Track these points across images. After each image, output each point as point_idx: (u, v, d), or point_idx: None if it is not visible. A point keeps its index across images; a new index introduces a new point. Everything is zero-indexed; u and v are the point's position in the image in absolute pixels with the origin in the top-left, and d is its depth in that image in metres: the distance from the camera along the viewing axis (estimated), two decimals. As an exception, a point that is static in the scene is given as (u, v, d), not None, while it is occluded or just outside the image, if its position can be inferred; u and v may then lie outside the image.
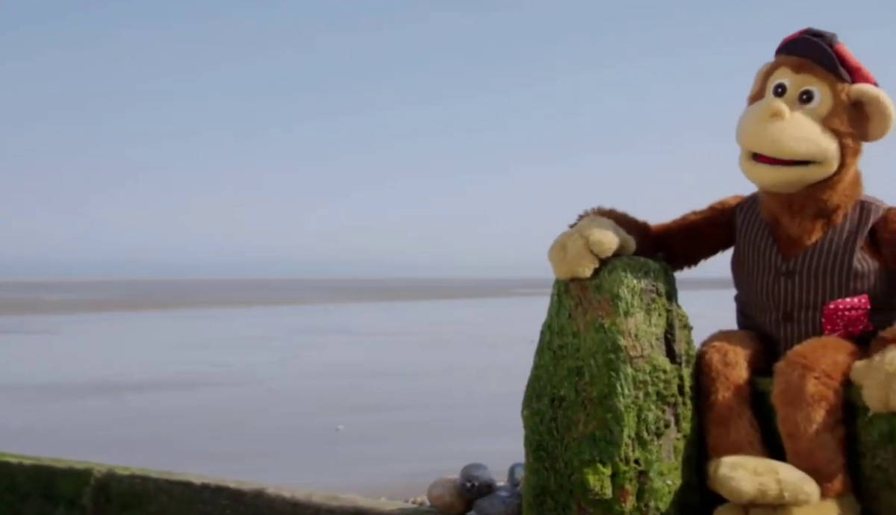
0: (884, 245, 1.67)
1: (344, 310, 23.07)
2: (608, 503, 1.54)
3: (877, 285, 1.67)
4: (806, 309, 1.70)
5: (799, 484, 1.44)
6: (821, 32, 1.69)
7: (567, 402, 1.63)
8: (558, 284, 1.70)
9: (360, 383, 8.34)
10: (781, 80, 1.70)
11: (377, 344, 12.82)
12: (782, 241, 1.73)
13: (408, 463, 4.74)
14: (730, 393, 1.63)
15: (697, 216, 1.89)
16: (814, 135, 1.63)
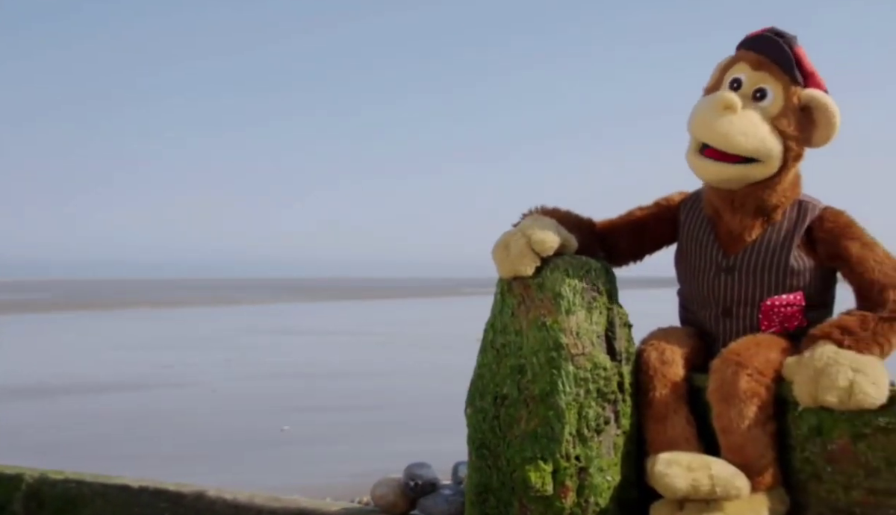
0: (819, 243, 1.72)
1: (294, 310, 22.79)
2: (549, 499, 1.56)
3: (812, 282, 1.72)
4: (744, 305, 1.74)
5: (730, 479, 1.47)
6: (782, 33, 1.73)
7: (510, 400, 1.64)
8: (501, 283, 1.72)
9: (307, 383, 8.26)
10: (738, 75, 1.73)
11: (325, 344, 12.71)
12: (723, 238, 1.76)
13: (354, 463, 4.71)
14: (667, 391, 1.66)
15: (643, 212, 1.91)
16: (762, 134, 1.67)
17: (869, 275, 1.65)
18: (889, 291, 1.61)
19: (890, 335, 1.59)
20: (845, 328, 1.59)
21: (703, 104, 1.71)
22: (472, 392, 1.72)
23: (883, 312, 1.60)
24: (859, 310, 1.64)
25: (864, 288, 1.66)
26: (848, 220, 1.72)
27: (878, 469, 1.48)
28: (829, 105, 1.68)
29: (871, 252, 1.67)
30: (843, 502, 1.52)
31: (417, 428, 5.64)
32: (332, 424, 6.10)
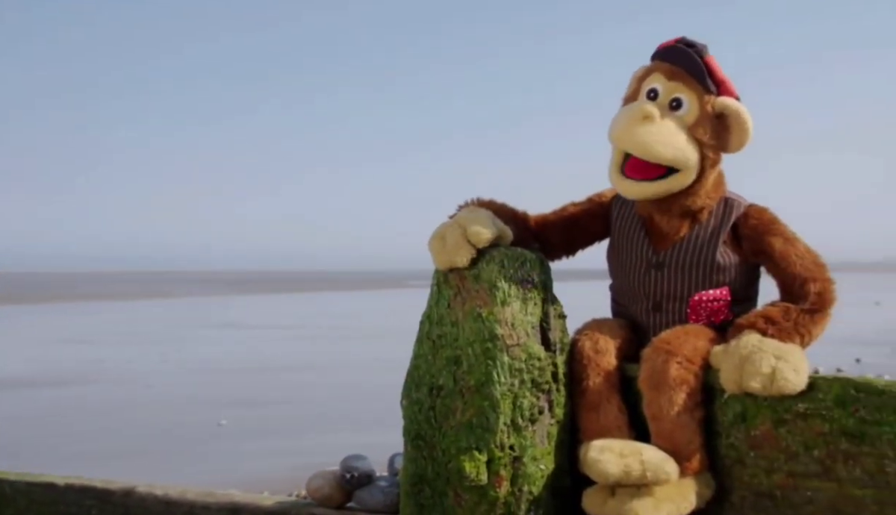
0: (744, 240, 1.77)
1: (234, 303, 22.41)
2: (483, 489, 1.57)
3: (737, 278, 1.77)
4: (673, 300, 1.78)
5: (660, 464, 1.51)
6: (693, 43, 1.77)
7: (445, 391, 1.65)
8: (438, 274, 1.72)
9: (245, 377, 8.14)
10: (654, 85, 1.76)
11: (263, 337, 12.54)
12: (654, 235, 1.80)
13: (292, 457, 4.68)
14: (600, 380, 1.69)
15: (576, 208, 1.94)
16: (680, 143, 1.70)
17: (791, 269, 1.70)
18: (810, 284, 1.67)
19: (810, 325, 1.65)
20: (769, 318, 1.65)
21: (622, 114, 1.74)
22: (408, 383, 1.72)
23: (804, 304, 1.66)
24: (783, 302, 1.69)
25: (787, 281, 1.71)
26: (771, 217, 1.77)
27: (797, 453, 1.54)
28: (742, 112, 1.72)
29: (792, 247, 1.73)
30: (765, 485, 1.57)
31: (355, 421, 5.62)
32: (269, 418, 6.03)
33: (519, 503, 1.59)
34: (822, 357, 7.58)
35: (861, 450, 1.49)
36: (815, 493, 1.52)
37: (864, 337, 10.70)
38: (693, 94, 1.73)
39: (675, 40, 1.78)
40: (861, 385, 1.51)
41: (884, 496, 1.46)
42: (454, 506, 1.60)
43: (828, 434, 1.51)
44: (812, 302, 1.66)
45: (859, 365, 8.27)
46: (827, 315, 1.67)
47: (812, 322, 1.65)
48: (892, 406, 1.47)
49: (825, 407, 1.52)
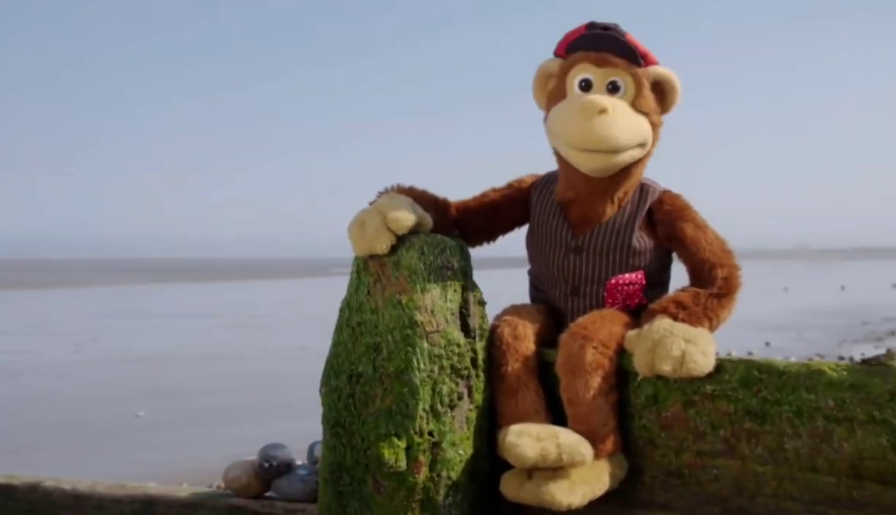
0: (658, 225, 1.81)
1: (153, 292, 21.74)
2: (402, 475, 1.58)
3: (652, 262, 1.82)
4: (591, 284, 1.81)
5: (576, 447, 1.54)
6: (608, 25, 1.79)
7: (365, 378, 1.64)
8: (357, 261, 1.71)
9: (164, 368, 7.93)
10: (585, 76, 1.78)
11: (184, 327, 12.23)
12: (573, 220, 1.83)
13: (212, 448, 4.59)
14: (518, 365, 1.71)
15: (496, 194, 1.95)
16: (636, 123, 1.74)
17: (701, 255, 1.76)
18: (717, 269, 1.73)
19: (718, 310, 1.71)
20: (680, 303, 1.70)
21: (569, 112, 1.74)
22: (327, 371, 1.70)
23: (712, 289, 1.72)
24: (692, 287, 1.75)
25: (697, 266, 1.77)
26: (684, 203, 1.83)
27: (704, 432, 1.60)
28: (672, 74, 1.80)
29: (703, 233, 1.78)
30: (675, 464, 1.62)
31: (276, 410, 5.55)
32: (188, 409, 5.90)
33: (438, 488, 1.60)
34: (734, 340, 7.90)
35: (763, 429, 1.55)
36: (720, 471, 1.59)
37: (773, 322, 11.18)
38: (626, 74, 1.76)
39: (586, 28, 1.81)
40: (763, 366, 1.58)
41: (782, 471, 1.54)
42: (373, 493, 1.60)
43: (733, 414, 1.58)
44: (719, 286, 1.72)
45: (769, 348, 8.64)
46: (733, 299, 1.73)
47: (720, 306, 1.71)
48: (792, 386, 1.54)
49: (731, 388, 1.59)
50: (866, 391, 1.48)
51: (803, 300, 15.61)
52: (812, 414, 1.52)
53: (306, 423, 2.63)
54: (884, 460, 1.45)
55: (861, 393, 1.48)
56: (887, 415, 1.46)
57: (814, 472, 1.51)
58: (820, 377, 1.52)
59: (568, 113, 1.75)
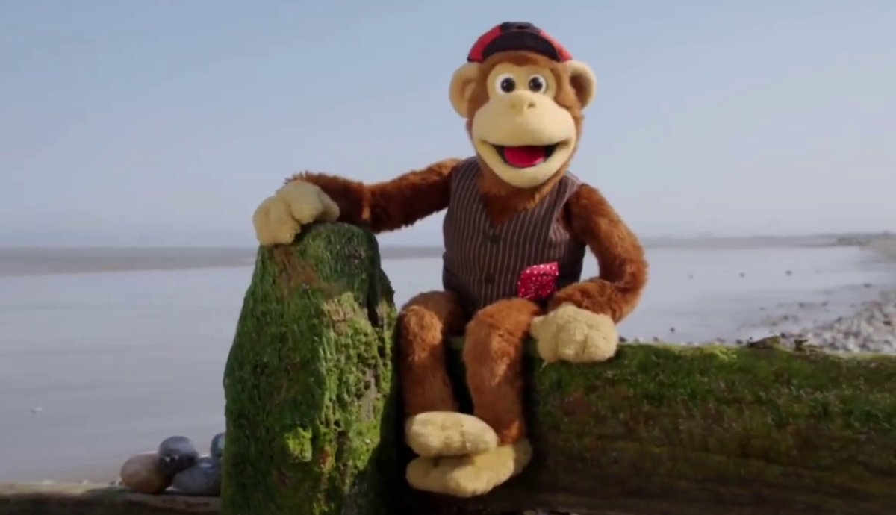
0: (574, 218, 1.85)
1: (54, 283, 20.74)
2: (308, 466, 1.56)
3: (566, 254, 1.85)
4: (506, 273, 1.83)
5: (479, 434, 1.56)
6: (522, 24, 1.81)
7: (270, 369, 1.62)
8: (262, 250, 1.68)
9: (64, 361, 7.59)
10: (506, 76, 1.79)
11: (87, 318, 11.73)
12: (492, 209, 1.85)
13: (114, 443, 4.43)
14: (425, 354, 1.72)
15: (416, 177, 1.94)
16: (562, 116, 1.77)
17: (613, 250, 1.80)
18: (627, 265, 1.78)
19: (622, 303, 1.76)
20: (585, 292, 1.74)
21: (496, 112, 1.75)
22: (231, 362, 1.67)
23: (620, 283, 1.77)
24: (600, 279, 1.79)
25: (608, 261, 1.81)
26: (600, 198, 1.87)
27: (605, 416, 1.65)
28: (588, 68, 1.84)
29: (616, 228, 1.83)
30: (577, 448, 1.67)
31: (182, 403, 5.41)
32: (88, 403, 5.67)
33: (344, 478, 1.60)
34: (641, 327, 8.17)
35: (660, 411, 1.61)
36: (619, 453, 1.64)
37: (678, 308, 11.62)
38: (546, 70, 1.79)
39: (500, 29, 1.83)
40: (661, 351, 1.64)
41: (677, 452, 1.60)
42: (278, 485, 1.58)
43: (632, 397, 1.63)
44: (626, 281, 1.77)
45: (674, 334, 8.96)
46: (638, 295, 1.79)
47: (624, 300, 1.76)
48: (687, 369, 1.61)
49: (630, 372, 1.64)
50: (753, 373, 1.56)
51: (706, 287, 16.28)
52: (705, 396, 1.58)
53: (214, 416, 2.57)
54: (768, 438, 1.54)
55: (749, 375, 1.56)
56: (772, 395, 1.54)
57: (705, 451, 1.58)
58: (712, 360, 1.59)
59: (496, 112, 1.75)
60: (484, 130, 1.78)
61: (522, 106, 1.71)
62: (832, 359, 1.52)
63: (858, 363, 1.50)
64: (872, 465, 1.47)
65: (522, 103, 1.71)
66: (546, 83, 1.79)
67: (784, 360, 1.55)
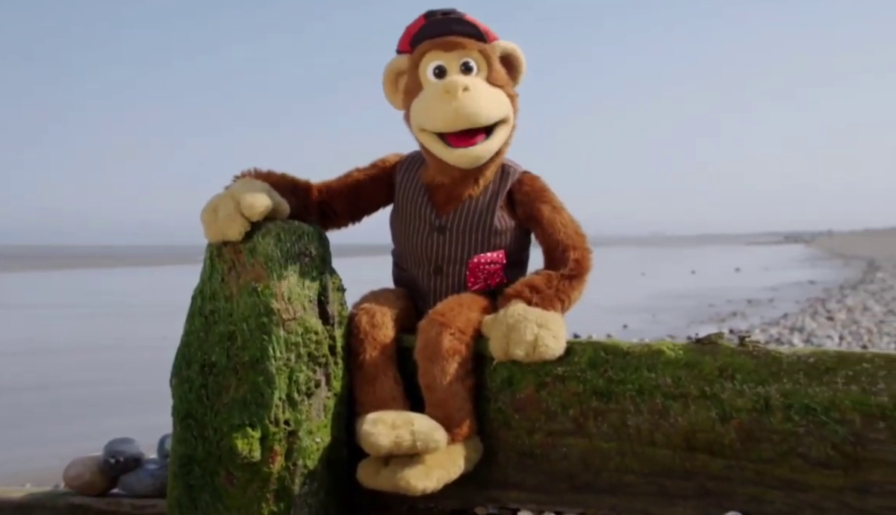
0: (517, 205, 1.86)
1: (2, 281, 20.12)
2: (256, 466, 1.55)
3: (512, 242, 1.86)
4: (454, 263, 1.84)
5: (430, 433, 1.56)
6: (446, 10, 1.82)
7: (218, 368, 1.60)
8: (210, 248, 1.66)
9: (7, 361, 7.36)
10: (437, 63, 1.79)
11: (31, 317, 11.41)
12: (438, 199, 1.85)
13: (59, 445, 4.31)
14: (377, 353, 1.71)
15: (360, 173, 1.94)
16: (497, 95, 1.78)
17: (556, 236, 1.82)
18: (570, 251, 1.80)
19: (569, 290, 1.77)
20: (533, 286, 1.75)
21: (432, 100, 1.75)
22: (178, 361, 1.64)
23: (564, 270, 1.78)
24: (545, 270, 1.81)
25: (551, 247, 1.83)
26: (542, 185, 1.88)
27: (555, 413, 1.66)
28: (516, 47, 1.85)
29: (559, 215, 1.84)
30: (527, 444, 1.68)
31: (129, 403, 5.29)
32: (33, 404, 5.51)
33: (293, 477, 1.58)
34: (595, 324, 8.26)
35: (608, 407, 1.64)
36: (569, 449, 1.66)
37: (631, 305, 11.79)
38: (476, 52, 1.80)
39: (425, 17, 1.83)
40: (609, 347, 1.66)
41: (625, 447, 1.63)
42: (225, 485, 1.56)
43: (581, 394, 1.65)
44: (571, 268, 1.78)
45: (626, 331, 9.09)
46: (584, 281, 1.80)
47: (571, 287, 1.78)
48: (635, 365, 1.63)
49: (580, 369, 1.66)
50: (699, 368, 1.59)
51: (658, 284, 16.56)
52: (652, 392, 1.61)
53: (162, 416, 2.52)
54: (713, 432, 1.57)
55: (694, 371, 1.59)
56: (716, 390, 1.57)
57: (652, 446, 1.61)
58: (659, 356, 1.62)
59: (432, 100, 1.75)
60: (422, 119, 1.78)
61: (457, 90, 1.71)
62: (773, 355, 1.56)
63: (798, 358, 1.55)
64: (811, 457, 1.52)
65: (457, 88, 1.71)
66: (477, 65, 1.80)
67: (728, 356, 1.59)
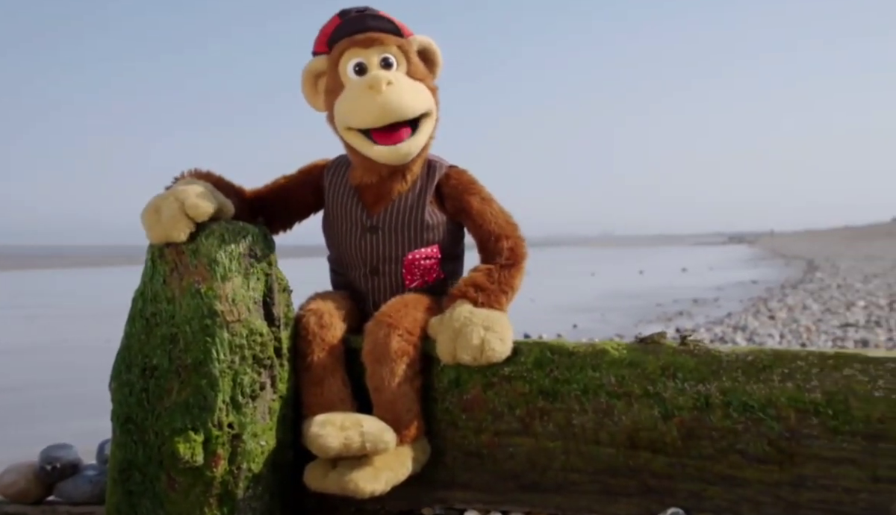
0: (446, 199, 1.86)
1: (-75, 281, 19.33)
2: (199, 470, 1.52)
3: (445, 236, 1.86)
4: (389, 262, 1.83)
5: (379, 435, 1.56)
6: (360, 7, 1.82)
7: (160, 371, 1.56)
8: (152, 249, 1.62)
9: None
10: (356, 60, 1.79)
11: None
12: (367, 200, 1.84)
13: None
14: (324, 354, 1.70)
15: (288, 180, 1.92)
16: (419, 89, 1.78)
17: (487, 227, 1.83)
18: (503, 241, 1.81)
19: (510, 280, 1.78)
20: (477, 285, 1.75)
21: (356, 98, 1.74)
22: (118, 364, 1.61)
23: (500, 260, 1.79)
24: (484, 264, 1.80)
25: (483, 238, 1.83)
26: (470, 178, 1.89)
27: (502, 412, 1.68)
28: (431, 41, 1.86)
29: (488, 206, 1.85)
30: (474, 444, 1.69)
31: (69, 408, 5.15)
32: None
33: (237, 481, 1.56)
34: (546, 324, 8.33)
35: (554, 407, 1.66)
36: (515, 449, 1.67)
37: (581, 305, 11.92)
38: (394, 47, 1.80)
39: (339, 16, 1.83)
40: (555, 347, 1.68)
41: (570, 446, 1.65)
42: (167, 490, 1.53)
43: (528, 393, 1.67)
44: (506, 257, 1.79)
45: (576, 330, 9.19)
46: (521, 268, 1.81)
47: (510, 276, 1.78)
48: (580, 365, 1.65)
49: (526, 369, 1.68)
50: (642, 367, 1.62)
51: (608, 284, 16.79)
52: (597, 391, 1.64)
53: (102, 421, 2.46)
54: (655, 430, 1.60)
55: (638, 370, 1.62)
56: (659, 389, 1.61)
57: (597, 445, 1.64)
58: (604, 356, 1.65)
59: (356, 97, 1.74)
60: (347, 117, 1.77)
61: (381, 85, 1.71)
62: (713, 353, 1.60)
63: (737, 356, 1.59)
64: (748, 453, 1.56)
65: (380, 83, 1.71)
66: (396, 60, 1.81)
67: (670, 355, 1.62)
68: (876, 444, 1.50)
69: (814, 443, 1.53)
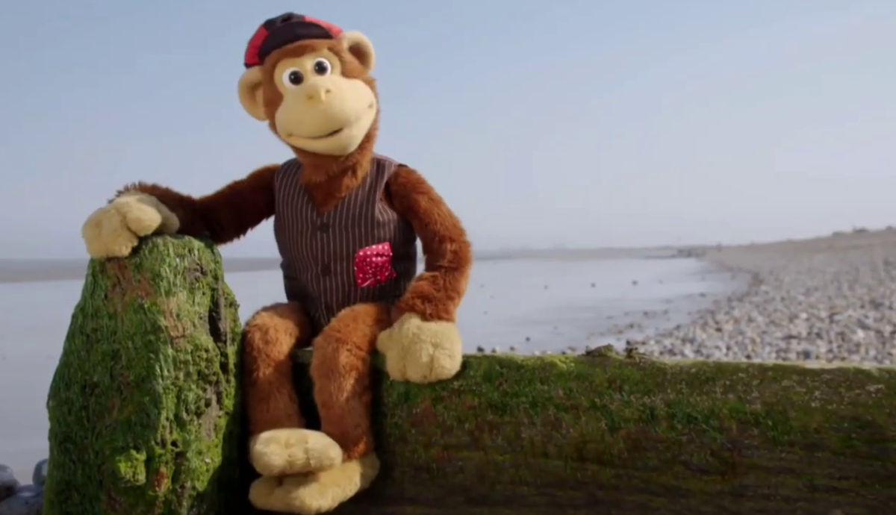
0: (395, 197, 1.87)
1: None
2: (141, 489, 1.49)
3: (396, 234, 1.86)
4: (341, 260, 1.83)
5: (324, 451, 1.54)
6: (284, 16, 1.83)
7: (101, 388, 1.53)
8: (93, 263, 1.59)
9: None
10: (291, 69, 1.79)
11: None
12: (318, 198, 1.84)
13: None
14: (270, 370, 1.68)
15: (239, 185, 1.91)
16: (357, 87, 1.79)
17: (433, 227, 1.83)
18: (447, 243, 1.81)
19: (456, 285, 1.77)
20: (424, 295, 1.73)
21: (297, 108, 1.74)
22: (57, 382, 1.56)
23: (443, 262, 1.79)
24: (428, 271, 1.80)
25: (429, 238, 1.84)
26: (419, 178, 1.90)
27: (451, 426, 1.68)
28: (361, 35, 1.87)
29: (436, 207, 1.86)
30: (423, 459, 1.69)
31: (2, 428, 4.98)
32: None
33: (181, 500, 1.53)
34: (499, 337, 8.36)
35: (503, 420, 1.66)
36: (465, 462, 1.67)
37: (533, 318, 12.01)
38: (326, 50, 1.81)
39: (265, 27, 1.84)
40: (504, 361, 1.69)
41: (519, 459, 1.66)
42: (107, 510, 1.49)
43: (477, 407, 1.67)
44: (450, 260, 1.79)
45: (529, 343, 9.25)
46: (466, 272, 1.81)
47: (455, 280, 1.78)
48: (528, 378, 1.66)
49: (475, 382, 1.68)
50: (590, 380, 1.64)
51: (560, 297, 16.95)
52: (545, 404, 1.65)
53: (39, 441, 2.38)
54: (602, 442, 1.62)
55: (585, 383, 1.64)
56: (606, 401, 1.62)
57: (545, 457, 1.65)
58: (552, 369, 1.66)
59: (296, 108, 1.74)
60: (291, 127, 1.77)
61: (320, 94, 1.71)
62: (658, 365, 1.63)
63: (681, 368, 1.62)
64: (692, 464, 1.59)
65: (319, 92, 1.71)
66: (330, 63, 1.81)
67: (616, 367, 1.64)
68: (813, 454, 1.54)
69: (754, 453, 1.56)
